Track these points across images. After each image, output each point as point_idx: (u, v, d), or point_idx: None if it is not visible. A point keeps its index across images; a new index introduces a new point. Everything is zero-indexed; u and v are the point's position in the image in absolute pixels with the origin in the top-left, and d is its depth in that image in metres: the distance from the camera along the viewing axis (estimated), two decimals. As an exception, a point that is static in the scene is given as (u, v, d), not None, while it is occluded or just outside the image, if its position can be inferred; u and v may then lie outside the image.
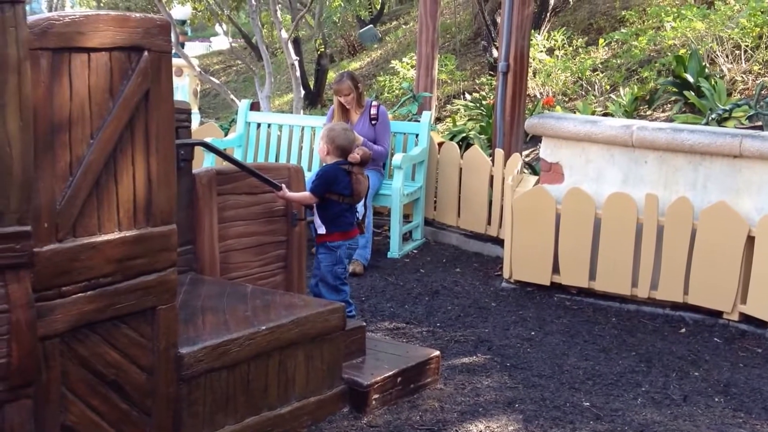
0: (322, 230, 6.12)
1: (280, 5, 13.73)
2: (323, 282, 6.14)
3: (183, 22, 21.42)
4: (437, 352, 5.79)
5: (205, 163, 9.32)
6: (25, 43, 3.45)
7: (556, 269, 7.43)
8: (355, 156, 6.18)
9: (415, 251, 9.00)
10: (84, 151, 3.80)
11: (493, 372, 5.93)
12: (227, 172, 5.87)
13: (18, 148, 3.45)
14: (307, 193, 6.06)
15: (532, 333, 6.66)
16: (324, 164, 6.26)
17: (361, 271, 8.21)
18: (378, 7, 20.89)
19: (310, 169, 9.37)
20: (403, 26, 20.17)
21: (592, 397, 5.54)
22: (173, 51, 8.04)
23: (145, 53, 4.00)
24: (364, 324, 5.85)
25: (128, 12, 4.45)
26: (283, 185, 5.99)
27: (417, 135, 9.43)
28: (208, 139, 8.34)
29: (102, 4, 23.16)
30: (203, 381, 4.42)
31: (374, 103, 8.99)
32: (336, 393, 5.19)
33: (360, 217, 6.37)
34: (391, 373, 5.40)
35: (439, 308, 7.24)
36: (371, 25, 20.30)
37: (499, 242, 8.52)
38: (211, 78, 13.89)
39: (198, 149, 6.54)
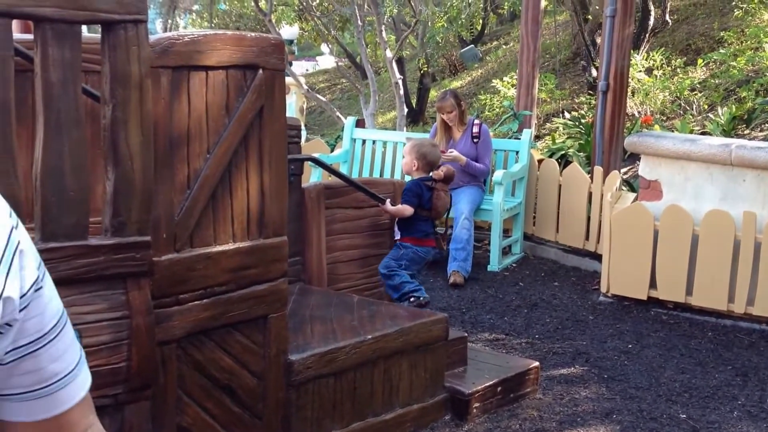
0: (397, 236, 6.23)
1: (384, 26, 13.97)
2: (380, 275, 6.19)
3: (290, 42, 21.77)
4: (536, 363, 5.83)
5: (312, 177, 9.54)
6: (146, 61, 3.49)
7: (653, 284, 7.47)
8: (439, 173, 6.31)
9: (514, 265, 9.09)
10: (201, 165, 3.88)
11: (591, 383, 5.98)
12: (335, 186, 5.97)
13: (139, 162, 3.52)
14: (403, 206, 6.15)
15: (629, 346, 6.70)
16: (410, 178, 6.38)
17: (462, 282, 8.32)
18: (479, 27, 21.00)
19: (412, 185, 9.55)
20: (504, 46, 20.21)
21: (688, 410, 5.56)
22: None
23: (260, 71, 4.04)
24: (466, 335, 5.90)
25: (240, 32, 4.48)
26: (387, 200, 6.17)
27: (517, 152, 9.54)
28: (315, 155, 8.57)
29: (213, 25, 23.61)
30: (311, 387, 4.48)
31: (476, 121, 9.12)
32: (438, 401, 5.22)
33: (439, 232, 6.47)
34: (491, 382, 5.43)
35: (538, 320, 7.32)
36: (472, 45, 20.39)
37: (596, 257, 8.57)
38: (318, 95, 14.16)
39: (306, 164, 6.74)
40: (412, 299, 5.88)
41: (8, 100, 3.12)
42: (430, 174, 6.30)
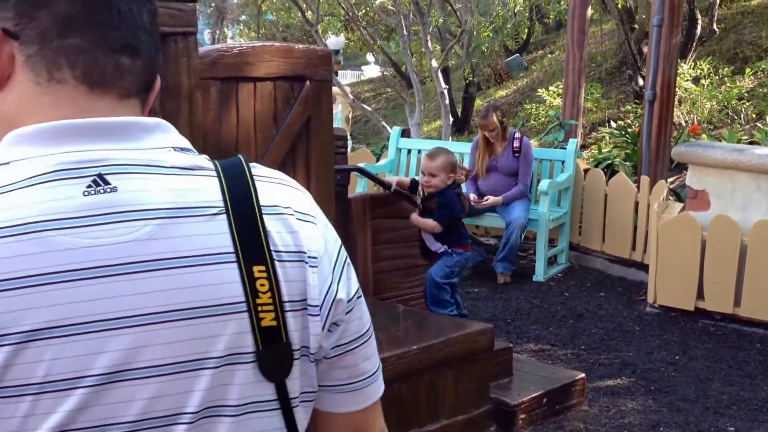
0: (442, 249, 6.22)
1: (430, 36, 13.99)
2: (430, 280, 6.18)
3: (336, 52, 21.87)
4: (582, 375, 5.83)
5: (358, 187, 9.58)
6: (196, 72, 3.50)
7: (700, 295, 7.42)
8: (462, 178, 6.33)
9: (559, 275, 9.08)
10: (249, 175, 3.92)
11: (638, 395, 5.96)
12: (380, 196, 6.04)
13: (188, 173, 3.54)
14: (434, 223, 6.15)
15: (676, 357, 6.67)
16: (442, 192, 6.27)
17: (510, 280, 8.68)
18: (525, 37, 20.98)
19: (457, 195, 9.56)
20: (549, 55, 20.17)
21: (736, 422, 5.54)
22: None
23: (307, 82, 4.08)
24: (511, 345, 5.91)
25: (286, 42, 4.48)
26: (415, 213, 6.17)
27: (563, 162, 9.53)
28: (361, 165, 8.60)
29: (260, 35, 23.76)
30: (356, 397, 4.53)
31: (517, 135, 9.10)
32: (483, 412, 5.22)
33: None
34: (537, 393, 5.44)
35: (584, 331, 7.30)
36: (518, 54, 20.38)
37: (643, 267, 8.51)
38: (363, 105, 14.20)
39: (352, 173, 6.76)
40: None
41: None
42: (454, 179, 6.28)
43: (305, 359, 1.30)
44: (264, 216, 1.26)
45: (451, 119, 13.34)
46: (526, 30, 20.56)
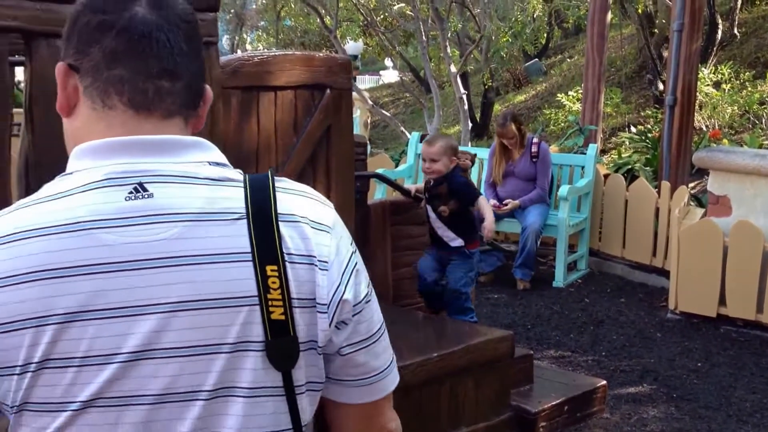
0: (457, 243, 6.09)
1: (449, 41, 13.98)
2: (454, 292, 6.06)
3: (355, 57, 21.90)
4: (604, 382, 5.71)
5: (377, 193, 9.57)
6: (217, 82, 3.49)
7: (722, 301, 7.38)
8: (467, 162, 6.29)
9: (579, 281, 9.04)
10: (270, 183, 3.90)
11: (659, 402, 5.94)
12: (400, 203, 6.01)
13: (208, 182, 3.53)
14: (488, 206, 6.15)
15: (699, 364, 6.63)
16: (452, 176, 6.12)
17: (529, 287, 8.66)
18: (544, 41, 20.95)
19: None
20: (568, 60, 20.16)
21: (760, 430, 5.50)
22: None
23: (328, 90, 4.07)
24: (532, 352, 5.84)
25: (304, 48, 4.50)
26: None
27: (583, 167, 9.50)
28: (379, 170, 8.58)
29: (279, 40, 23.82)
30: (377, 405, 4.50)
31: (534, 140, 9.10)
32: (504, 419, 5.14)
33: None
34: (558, 401, 5.35)
35: (604, 338, 7.27)
36: (537, 59, 20.37)
37: (664, 273, 8.48)
38: (382, 110, 14.20)
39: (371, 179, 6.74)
40: None
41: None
42: (458, 164, 6.17)
43: (312, 352, 1.45)
44: (280, 222, 1.43)
45: (470, 124, 13.33)
46: (545, 35, 20.54)
